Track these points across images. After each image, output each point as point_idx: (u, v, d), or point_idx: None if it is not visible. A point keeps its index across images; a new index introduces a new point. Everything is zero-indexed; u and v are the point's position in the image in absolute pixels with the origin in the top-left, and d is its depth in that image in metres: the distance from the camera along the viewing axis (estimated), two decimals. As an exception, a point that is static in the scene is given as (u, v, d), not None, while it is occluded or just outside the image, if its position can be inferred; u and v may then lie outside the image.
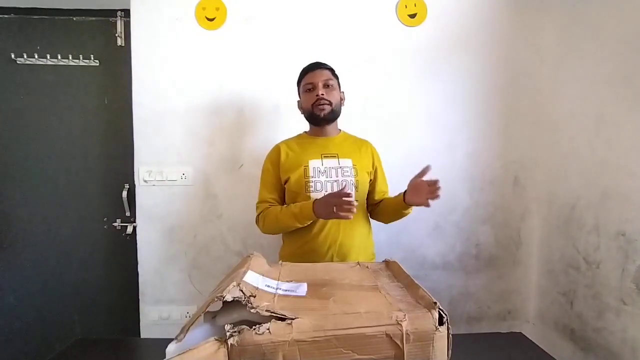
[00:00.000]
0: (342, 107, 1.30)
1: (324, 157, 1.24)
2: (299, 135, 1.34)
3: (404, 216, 1.25)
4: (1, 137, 1.67)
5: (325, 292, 0.72)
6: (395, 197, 1.25)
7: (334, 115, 1.26)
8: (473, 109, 1.64)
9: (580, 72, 1.48)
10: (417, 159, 1.61)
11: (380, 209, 1.31)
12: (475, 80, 1.63)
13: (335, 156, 1.25)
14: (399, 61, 1.61)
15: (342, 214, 1.03)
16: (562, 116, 1.56)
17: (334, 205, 1.04)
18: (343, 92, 1.31)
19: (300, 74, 1.29)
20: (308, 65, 1.28)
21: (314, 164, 1.22)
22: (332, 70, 1.27)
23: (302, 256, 1.19)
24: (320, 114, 1.22)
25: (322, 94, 1.21)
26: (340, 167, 1.23)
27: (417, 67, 1.62)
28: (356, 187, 1.22)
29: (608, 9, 1.36)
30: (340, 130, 1.34)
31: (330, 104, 1.23)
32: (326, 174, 1.22)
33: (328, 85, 1.24)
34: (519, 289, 1.71)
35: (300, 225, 1.17)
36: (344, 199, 1.02)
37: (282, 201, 1.28)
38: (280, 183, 1.27)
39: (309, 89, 1.24)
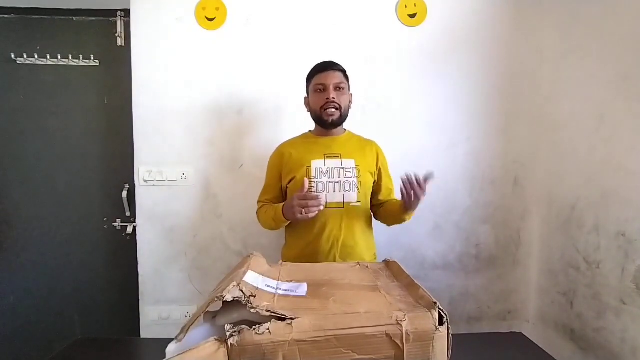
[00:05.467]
0: (349, 110, 1.29)
1: (327, 157, 1.24)
2: (304, 135, 1.34)
3: (404, 221, 1.25)
4: (1, 137, 1.67)
5: (325, 292, 0.72)
6: (397, 202, 1.24)
7: (341, 120, 1.26)
8: (473, 109, 1.64)
9: (580, 72, 1.48)
10: (417, 159, 1.63)
11: (383, 211, 1.30)
12: (475, 80, 1.63)
13: (338, 156, 1.24)
14: (399, 61, 1.61)
15: (302, 215, 1.06)
16: (562, 116, 1.56)
17: (295, 206, 1.07)
18: (351, 94, 1.30)
19: (312, 71, 1.26)
20: (320, 64, 1.25)
21: (317, 164, 1.22)
22: (344, 72, 1.25)
23: (305, 257, 1.18)
24: (328, 119, 1.22)
25: (333, 98, 1.20)
26: (343, 168, 1.22)
27: (417, 67, 1.62)
28: (358, 188, 1.22)
29: (608, 9, 1.36)
30: (345, 130, 1.33)
31: (340, 108, 1.22)
32: (328, 175, 1.21)
33: (339, 89, 1.22)
34: (519, 289, 1.71)
35: (282, 226, 1.22)
36: (303, 201, 1.06)
37: (279, 202, 1.29)
38: (279, 185, 1.28)
39: (320, 90, 1.22)
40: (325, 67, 1.24)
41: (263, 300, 0.64)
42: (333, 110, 1.21)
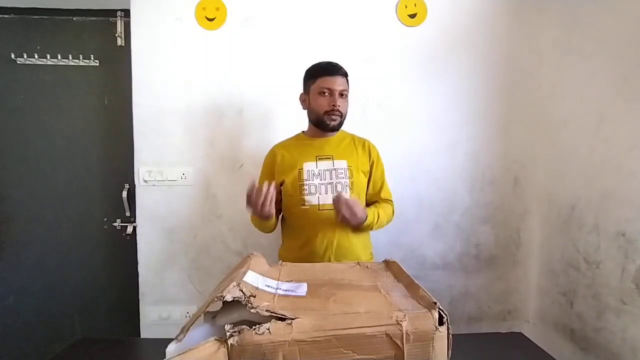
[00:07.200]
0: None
1: (319, 159, 1.24)
2: (297, 136, 1.33)
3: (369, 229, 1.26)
4: (1, 137, 1.66)
5: (325, 292, 0.72)
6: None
7: (340, 126, 1.26)
8: (473, 109, 1.64)
9: (580, 72, 1.48)
10: (417, 159, 1.63)
11: None
12: (475, 80, 1.63)
13: (330, 158, 1.24)
14: (399, 61, 1.61)
15: (265, 210, 1.07)
16: (562, 116, 1.56)
17: (252, 210, 1.09)
18: None
19: (317, 70, 1.22)
20: (327, 66, 1.22)
21: (308, 166, 1.22)
22: (347, 77, 1.24)
23: (301, 259, 1.17)
24: (330, 124, 1.21)
25: (339, 106, 1.20)
26: (335, 169, 1.22)
27: (417, 67, 1.62)
28: (351, 189, 1.21)
29: (608, 9, 1.36)
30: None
31: (341, 115, 1.22)
32: (320, 177, 1.21)
33: (342, 95, 1.22)
34: (519, 289, 1.71)
35: (267, 224, 1.21)
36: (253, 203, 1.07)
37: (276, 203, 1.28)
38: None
39: (324, 93, 1.20)
40: (333, 71, 1.20)
41: (263, 300, 0.64)
42: (335, 117, 1.21)
